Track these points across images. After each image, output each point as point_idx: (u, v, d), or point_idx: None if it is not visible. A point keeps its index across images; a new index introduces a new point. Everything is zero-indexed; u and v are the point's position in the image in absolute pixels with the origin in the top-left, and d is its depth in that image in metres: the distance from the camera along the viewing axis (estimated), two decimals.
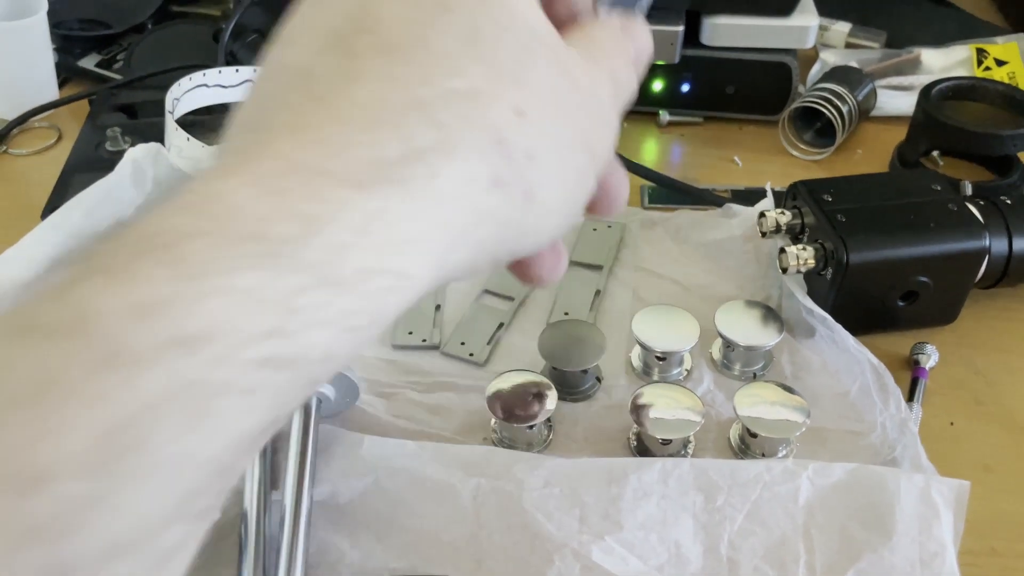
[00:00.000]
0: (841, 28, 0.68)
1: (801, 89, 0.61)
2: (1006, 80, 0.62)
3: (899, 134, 0.58)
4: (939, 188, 0.44)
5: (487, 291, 0.48)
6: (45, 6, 0.60)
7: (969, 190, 0.48)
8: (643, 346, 0.42)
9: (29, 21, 0.59)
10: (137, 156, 0.50)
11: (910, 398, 0.42)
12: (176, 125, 0.49)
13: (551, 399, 0.39)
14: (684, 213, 0.52)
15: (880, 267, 0.42)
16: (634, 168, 0.56)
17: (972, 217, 0.43)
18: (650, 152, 0.61)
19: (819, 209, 0.43)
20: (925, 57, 0.65)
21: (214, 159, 0.17)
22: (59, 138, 0.61)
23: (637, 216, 0.53)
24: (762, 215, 0.46)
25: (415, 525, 0.35)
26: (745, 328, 0.42)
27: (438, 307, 0.47)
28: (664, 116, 0.62)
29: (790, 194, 0.45)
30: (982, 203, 0.45)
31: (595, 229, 0.51)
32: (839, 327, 0.42)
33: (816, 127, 0.59)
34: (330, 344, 0.16)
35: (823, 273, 0.43)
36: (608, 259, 0.50)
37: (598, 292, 0.48)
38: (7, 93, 0.61)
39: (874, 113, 0.61)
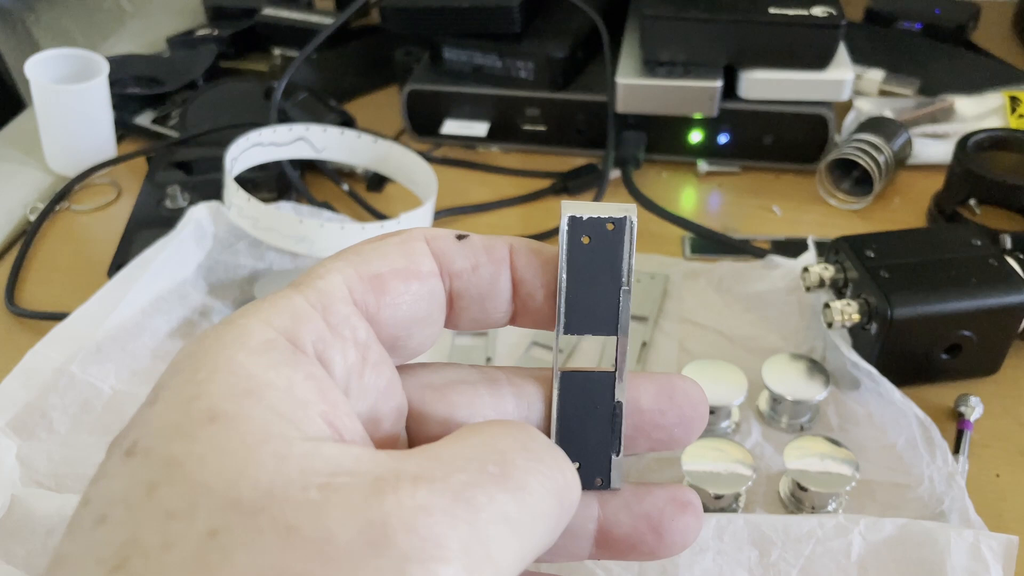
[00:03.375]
0: (874, 76, 0.70)
1: (837, 138, 0.62)
2: None
3: (935, 182, 0.59)
4: (979, 243, 0.45)
5: (536, 343, 0.49)
6: (106, 69, 0.62)
7: (1009, 243, 0.49)
8: None
9: (91, 84, 0.62)
10: (198, 215, 0.53)
11: (956, 450, 0.42)
12: (236, 185, 0.51)
13: None
14: (726, 264, 0.53)
15: (924, 322, 0.43)
16: (674, 219, 0.57)
17: (1012, 272, 0.44)
18: (689, 201, 0.62)
19: (862, 265, 0.44)
20: (959, 105, 0.66)
21: None
22: (118, 194, 0.63)
23: (680, 267, 0.54)
24: (805, 270, 0.47)
25: None
26: (792, 381, 0.43)
27: (488, 359, 0.48)
28: (703, 166, 0.64)
29: (832, 249, 0.47)
30: (1022, 256, 0.46)
31: (638, 280, 0.53)
32: (885, 380, 0.43)
33: (854, 176, 0.60)
34: None
35: (867, 328, 0.44)
36: (653, 310, 0.51)
37: (644, 344, 0.49)
38: (70, 152, 0.64)
39: (910, 161, 0.63)
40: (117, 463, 0.16)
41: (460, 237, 0.22)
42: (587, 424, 0.23)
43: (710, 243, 0.56)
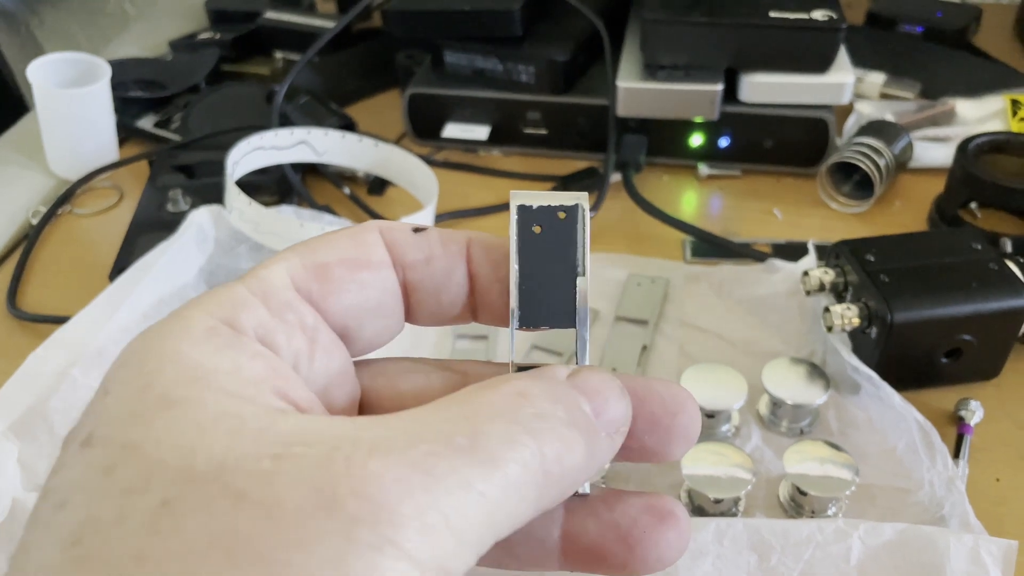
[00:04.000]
0: (875, 79, 0.70)
1: (838, 142, 0.63)
2: None
3: (936, 185, 0.59)
4: (979, 247, 0.45)
5: (536, 347, 0.49)
6: (108, 72, 0.63)
7: (1009, 247, 0.49)
8: None
9: (93, 87, 0.62)
10: (199, 219, 0.53)
11: (956, 455, 0.42)
12: (238, 189, 0.51)
13: None
14: (726, 268, 0.53)
15: (924, 326, 0.43)
16: (675, 222, 0.57)
17: (1012, 276, 0.44)
18: (690, 204, 0.62)
19: (862, 269, 0.44)
20: (960, 108, 0.66)
21: None
22: (120, 198, 0.63)
23: (680, 270, 0.54)
24: (805, 274, 0.47)
25: None
26: (792, 386, 0.43)
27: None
28: (703, 169, 0.64)
29: (833, 253, 0.47)
30: (1022, 260, 0.46)
31: (639, 284, 0.53)
32: (885, 384, 0.43)
33: (854, 179, 0.60)
34: None
35: (867, 332, 0.44)
36: (653, 314, 0.51)
37: (644, 347, 0.49)
38: (72, 156, 0.64)
39: (911, 165, 0.63)
40: (74, 454, 0.17)
41: (417, 230, 0.22)
42: None
43: (711, 247, 0.56)
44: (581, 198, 0.21)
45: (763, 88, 0.60)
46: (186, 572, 0.14)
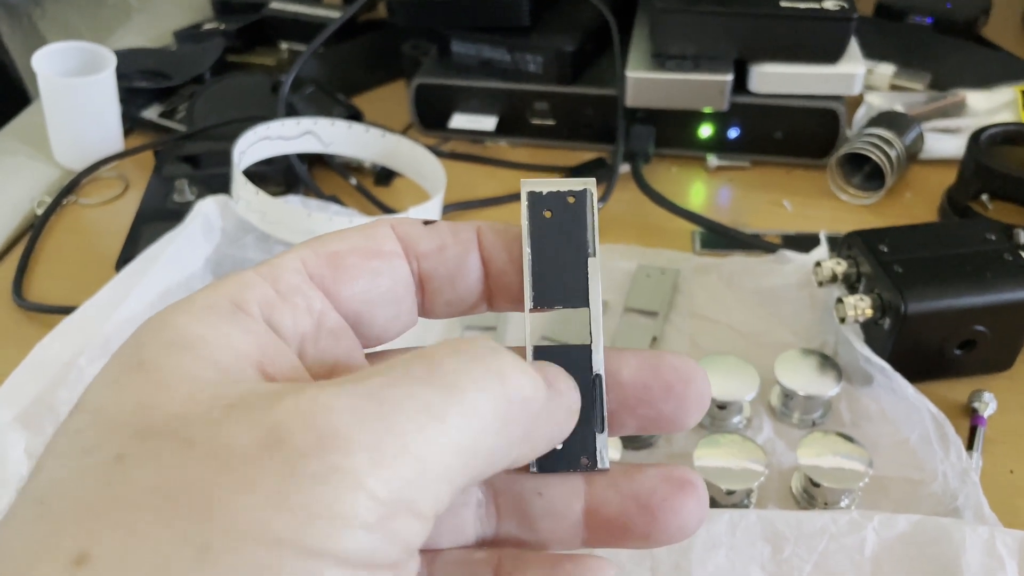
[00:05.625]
0: (885, 70, 0.69)
1: (848, 133, 0.62)
2: None
3: (948, 176, 0.59)
4: (993, 238, 0.45)
5: (546, 338, 0.49)
6: (114, 62, 0.62)
7: (1023, 238, 0.48)
8: None
9: (98, 77, 0.61)
10: (206, 209, 0.52)
11: (970, 446, 0.42)
12: (245, 179, 0.51)
13: (615, 448, 0.40)
14: (737, 259, 0.53)
15: (937, 317, 0.42)
16: (684, 213, 0.57)
17: None
18: (699, 196, 0.62)
19: (875, 260, 0.44)
20: (970, 99, 0.66)
21: None
22: (126, 188, 0.63)
23: (690, 262, 0.54)
24: (818, 264, 0.46)
25: None
26: (804, 377, 0.43)
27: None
28: (712, 160, 0.63)
29: (845, 244, 0.46)
30: None
31: (648, 276, 0.53)
32: (898, 376, 0.43)
33: (865, 171, 0.60)
34: None
35: (880, 323, 0.43)
36: (663, 305, 0.51)
37: (655, 339, 0.49)
38: (77, 146, 0.63)
39: (922, 156, 0.62)
40: (60, 424, 0.17)
41: (427, 223, 0.22)
42: None
43: (720, 238, 0.56)
44: (589, 183, 0.22)
45: (773, 79, 0.59)
46: (130, 520, 0.15)
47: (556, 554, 0.21)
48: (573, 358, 0.22)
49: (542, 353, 0.22)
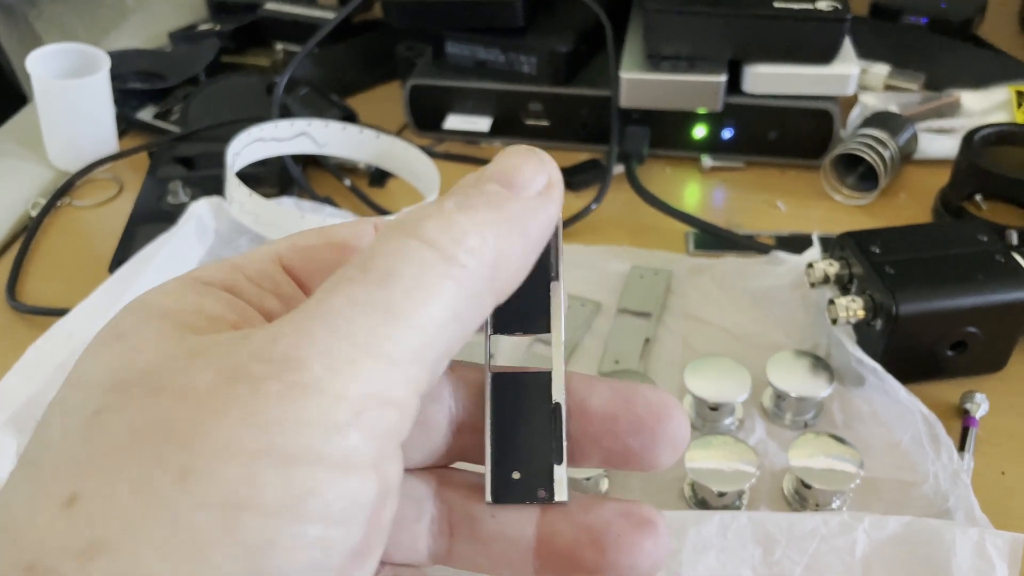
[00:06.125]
0: (880, 70, 0.69)
1: (842, 133, 0.62)
2: None
3: (941, 177, 0.59)
4: (985, 239, 0.45)
5: (539, 340, 0.49)
6: (108, 63, 0.62)
7: (1015, 239, 0.48)
8: (695, 397, 0.43)
9: (92, 79, 0.61)
10: (200, 211, 0.52)
11: (961, 447, 0.42)
12: (238, 180, 0.51)
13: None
14: (730, 260, 0.53)
15: (929, 318, 0.42)
16: (678, 214, 0.57)
17: (1019, 268, 0.43)
18: (693, 196, 0.62)
19: (867, 261, 0.44)
20: (965, 100, 0.66)
21: None
22: (120, 190, 0.63)
23: (683, 263, 0.54)
24: (810, 266, 0.47)
25: None
26: (796, 378, 0.43)
27: (492, 356, 0.48)
28: (707, 161, 0.63)
29: (837, 245, 0.46)
30: None
31: (642, 276, 0.53)
32: (890, 377, 0.43)
33: (859, 171, 0.60)
34: None
35: (872, 324, 0.44)
36: (657, 306, 0.51)
37: (647, 340, 0.49)
38: (71, 147, 0.63)
39: (916, 156, 0.62)
40: (50, 401, 0.18)
41: None
42: (524, 429, 0.21)
43: (714, 239, 0.56)
44: None
45: (767, 79, 0.59)
46: (113, 465, 0.15)
47: None
48: (532, 385, 0.21)
49: (500, 379, 0.21)
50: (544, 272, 0.21)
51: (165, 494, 0.15)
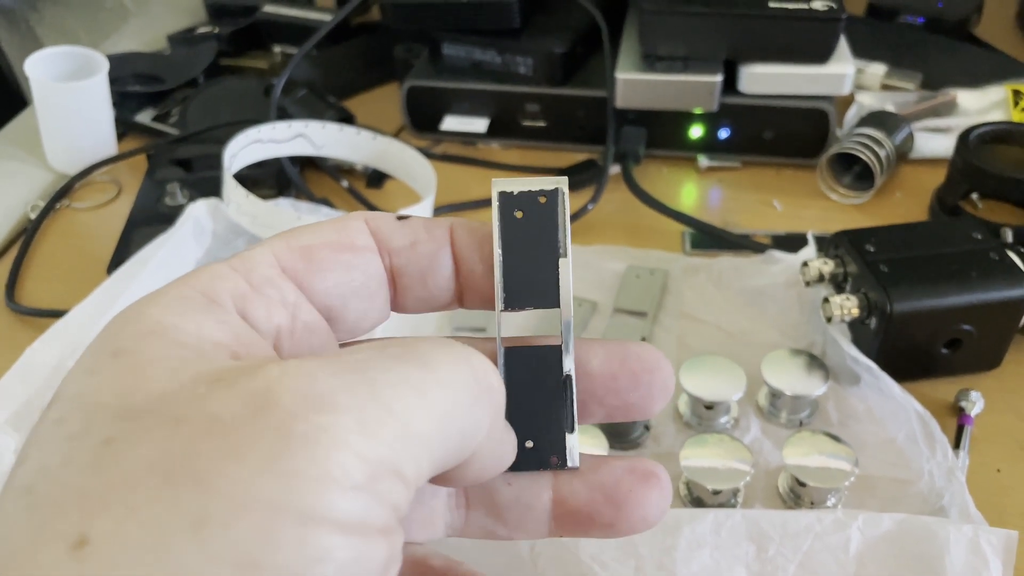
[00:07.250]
0: (876, 70, 0.69)
1: (839, 133, 0.62)
2: None
3: (937, 176, 0.59)
4: (980, 237, 0.45)
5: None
6: (106, 66, 0.62)
7: (1010, 237, 0.48)
8: (691, 396, 0.43)
9: (91, 81, 0.62)
10: (197, 212, 0.52)
11: (956, 445, 0.42)
12: (235, 182, 0.51)
13: (601, 447, 0.40)
14: (726, 259, 0.53)
15: (924, 316, 0.42)
16: (674, 214, 0.57)
17: (1013, 266, 0.43)
18: (689, 196, 0.62)
19: (862, 259, 0.44)
20: (961, 99, 0.66)
21: None
22: (119, 192, 0.63)
23: (679, 262, 0.54)
24: (805, 264, 0.47)
25: None
26: (791, 377, 0.43)
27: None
28: (703, 161, 0.64)
29: (832, 243, 0.46)
30: (1023, 250, 0.45)
31: (638, 276, 0.53)
32: (884, 375, 0.43)
33: (855, 171, 0.60)
34: None
35: (867, 322, 0.44)
36: (652, 306, 0.51)
37: (643, 339, 0.49)
38: (70, 150, 0.64)
39: (913, 155, 0.62)
40: (39, 417, 0.17)
41: (401, 218, 0.22)
42: (537, 400, 0.22)
43: (710, 238, 0.56)
44: (561, 182, 0.22)
45: (763, 79, 0.60)
46: (125, 500, 0.15)
47: None
48: (544, 358, 0.22)
49: (513, 353, 0.22)
50: (553, 248, 0.22)
51: (178, 545, 0.14)
